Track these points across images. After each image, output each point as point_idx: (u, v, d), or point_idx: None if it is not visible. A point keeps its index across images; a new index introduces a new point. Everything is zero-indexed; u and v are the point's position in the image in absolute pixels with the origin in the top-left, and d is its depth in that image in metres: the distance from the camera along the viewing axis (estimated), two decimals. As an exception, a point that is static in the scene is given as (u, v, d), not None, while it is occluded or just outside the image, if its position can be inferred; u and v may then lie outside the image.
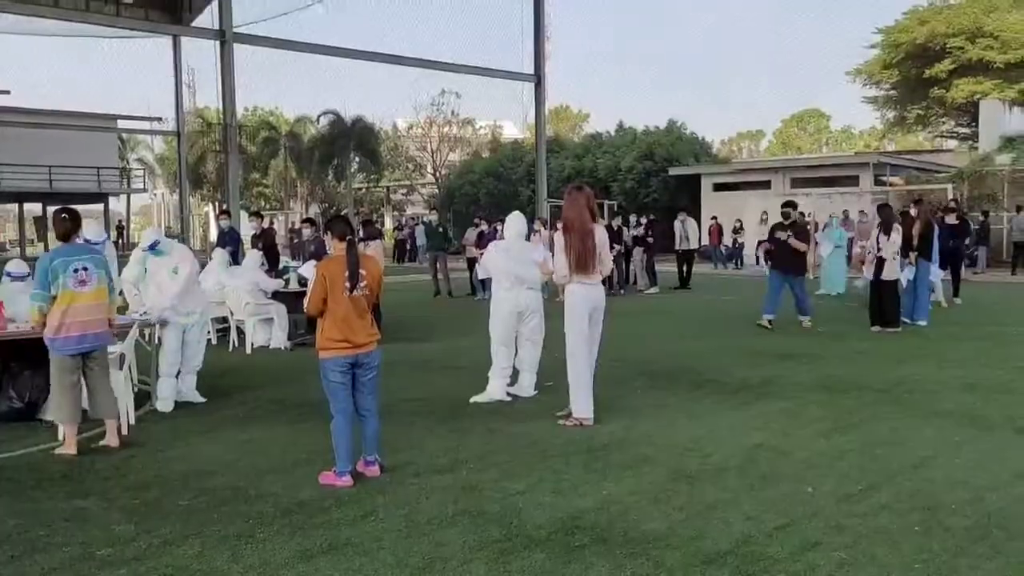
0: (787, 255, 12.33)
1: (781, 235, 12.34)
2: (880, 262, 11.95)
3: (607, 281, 18.80)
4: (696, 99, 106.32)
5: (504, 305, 7.79)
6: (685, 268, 20.18)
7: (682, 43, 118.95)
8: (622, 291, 18.58)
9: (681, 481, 5.30)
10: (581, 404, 6.83)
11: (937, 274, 14.72)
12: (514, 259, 7.79)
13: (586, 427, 6.68)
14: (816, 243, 16.84)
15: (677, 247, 20.41)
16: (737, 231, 29.30)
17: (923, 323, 12.52)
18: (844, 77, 47.64)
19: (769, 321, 12.35)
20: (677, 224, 20.49)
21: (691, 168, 35.37)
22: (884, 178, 30.59)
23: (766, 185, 32.74)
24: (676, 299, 17.61)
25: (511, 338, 7.83)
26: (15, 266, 7.51)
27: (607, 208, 29.58)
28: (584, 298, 6.87)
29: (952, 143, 46.88)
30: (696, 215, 27.15)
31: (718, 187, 33.97)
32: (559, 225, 7.26)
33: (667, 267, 20.87)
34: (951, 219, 15.85)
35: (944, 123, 46.39)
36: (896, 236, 11.87)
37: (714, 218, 29.33)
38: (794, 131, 76.99)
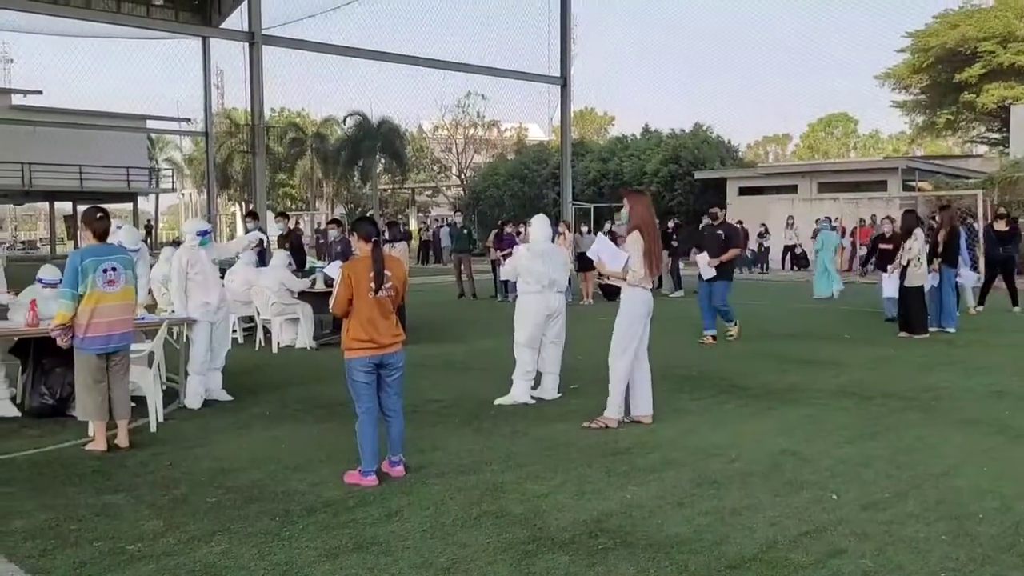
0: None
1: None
2: (904, 268, 11.86)
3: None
4: (723, 102, 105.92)
5: (535, 307, 7.80)
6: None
7: (709, 47, 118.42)
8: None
9: (705, 486, 5.30)
10: (615, 406, 6.83)
11: (970, 279, 14.56)
12: (548, 262, 7.83)
13: (611, 430, 6.68)
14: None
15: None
16: (762, 235, 29.14)
17: (951, 330, 12.39)
18: (873, 81, 47.19)
19: (713, 336, 11.59)
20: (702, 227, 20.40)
21: (717, 172, 35.24)
22: (912, 183, 30.32)
23: (792, 189, 32.56)
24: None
25: (538, 341, 7.84)
26: (47, 272, 7.61)
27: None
28: (645, 302, 6.90)
29: (982, 148, 46.39)
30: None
31: (744, 191, 33.81)
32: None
33: (692, 271, 20.75)
34: (1000, 226, 15.41)
35: (974, 128, 45.93)
36: (913, 242, 11.73)
37: (739, 222, 29.16)
38: (821, 135, 76.44)
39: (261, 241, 11.26)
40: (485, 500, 5.04)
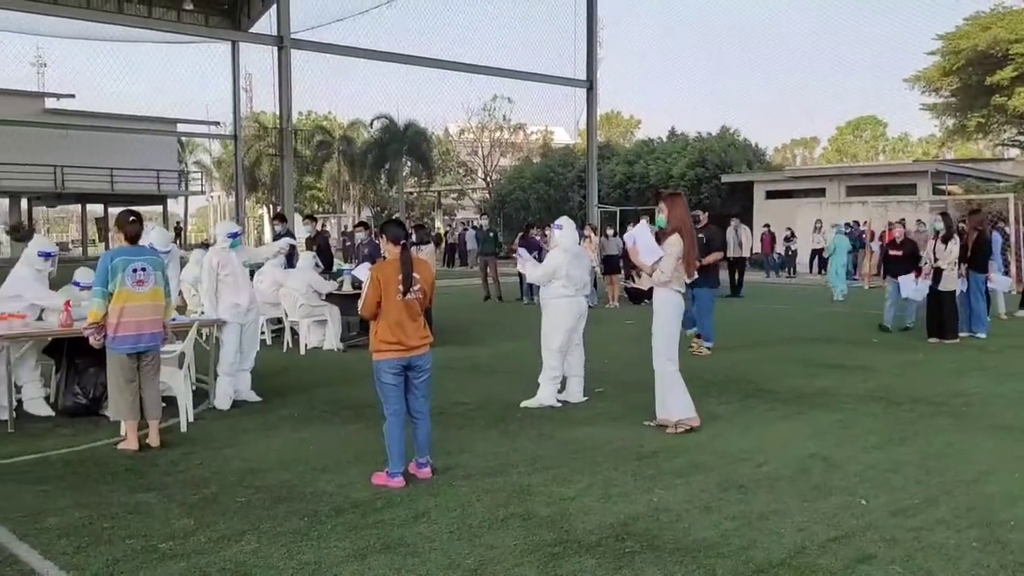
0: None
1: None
2: (938, 272, 11.76)
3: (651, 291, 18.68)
4: (750, 105, 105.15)
5: (569, 310, 7.80)
6: (737, 276, 20.01)
7: (736, 49, 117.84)
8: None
9: (732, 490, 5.28)
10: (684, 405, 6.81)
11: (1003, 283, 14.38)
12: (580, 265, 7.85)
13: (695, 429, 6.69)
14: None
15: (729, 254, 20.22)
16: (789, 239, 28.94)
17: (981, 335, 12.25)
18: (902, 84, 46.68)
19: (708, 347, 10.99)
20: (730, 231, 20.30)
21: (744, 175, 35.06)
22: (943, 187, 30.00)
23: (820, 193, 32.32)
24: (727, 307, 17.45)
25: (568, 344, 7.84)
26: (83, 275, 7.74)
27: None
28: (679, 305, 6.89)
29: (1014, 152, 45.76)
30: (748, 223, 26.88)
31: (771, 194, 33.61)
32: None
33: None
34: None
35: (1006, 131, 45.27)
36: (954, 246, 11.68)
37: (766, 226, 29.02)
38: (849, 138, 75.74)
39: (292, 247, 11.31)
40: (512, 502, 5.06)
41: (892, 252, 13.24)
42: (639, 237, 6.98)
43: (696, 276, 10.09)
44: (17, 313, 7.36)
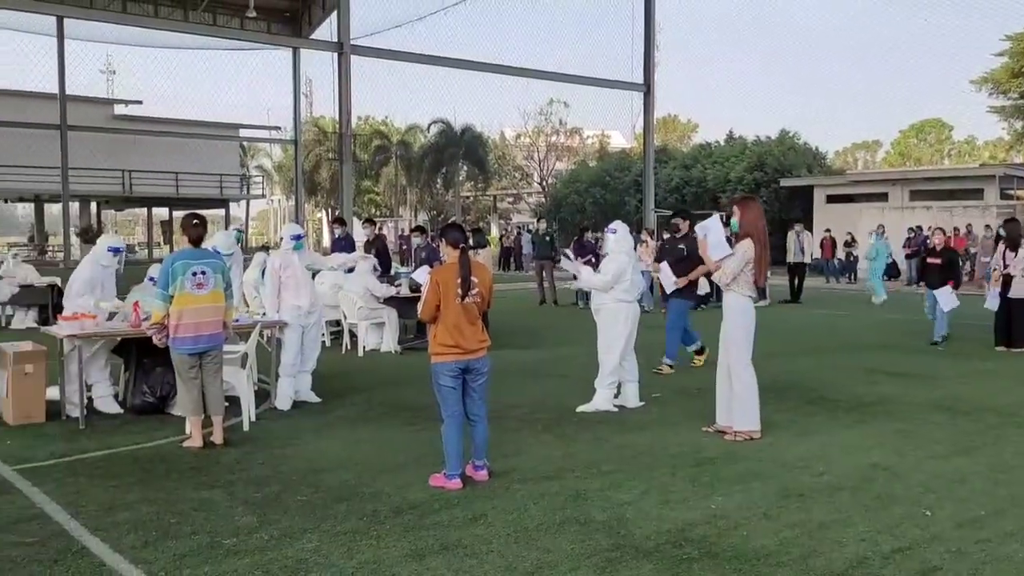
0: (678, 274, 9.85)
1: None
2: (1007, 279, 11.45)
3: (715, 293, 18.45)
4: (811, 108, 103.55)
5: (630, 316, 7.80)
6: (797, 281, 19.71)
7: (797, 52, 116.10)
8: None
9: (792, 498, 5.22)
10: (752, 417, 6.73)
11: None
12: (636, 270, 7.84)
13: (755, 440, 6.61)
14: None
15: (789, 259, 19.93)
16: (850, 244, 28.39)
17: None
18: (968, 86, 45.49)
19: (699, 350, 10.27)
20: (791, 236, 19.99)
21: (803, 179, 34.50)
22: (1011, 191, 29.16)
23: (883, 197, 31.67)
24: (786, 313, 17.23)
25: (626, 350, 7.82)
26: (157, 271, 7.96)
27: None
28: (750, 310, 6.81)
29: (1087, 155, 44.26)
30: (808, 227, 26.45)
31: (832, 199, 33.02)
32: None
33: (777, 280, 20.41)
34: None
35: (1078, 134, 43.84)
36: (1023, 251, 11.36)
37: (827, 231, 28.52)
38: (913, 141, 74.05)
39: (376, 269, 11.43)
40: (568, 506, 5.07)
41: (930, 260, 12.59)
42: (711, 232, 6.90)
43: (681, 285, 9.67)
44: (88, 313, 7.59)
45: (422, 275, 9.18)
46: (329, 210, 52.27)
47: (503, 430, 6.78)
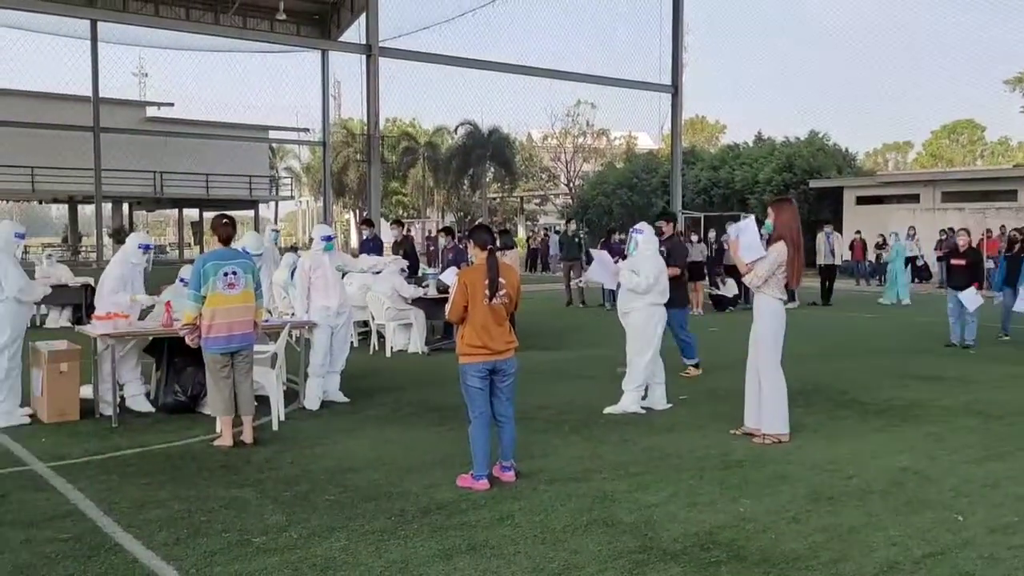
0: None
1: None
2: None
3: (743, 294, 18.29)
4: (840, 109, 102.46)
5: (658, 319, 7.79)
6: (827, 283, 19.55)
7: (826, 52, 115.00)
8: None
9: (821, 502, 5.18)
10: (780, 420, 6.69)
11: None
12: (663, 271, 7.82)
13: (783, 443, 6.56)
14: None
15: (819, 261, 19.74)
16: (881, 246, 28.11)
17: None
18: (1002, 87, 44.91)
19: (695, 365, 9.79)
20: (821, 237, 19.81)
21: (833, 180, 34.18)
22: (1046, 192, 28.69)
23: (914, 199, 31.29)
24: (816, 315, 17.09)
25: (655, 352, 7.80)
26: (188, 272, 8.06)
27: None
28: (780, 312, 6.76)
29: (1125, 155, 43.49)
30: (837, 229, 26.21)
31: (862, 200, 32.69)
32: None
33: (807, 282, 20.23)
34: None
35: (1116, 134, 43.10)
36: None
37: (858, 232, 28.26)
38: (945, 142, 73.13)
39: (404, 270, 11.44)
40: (595, 508, 5.07)
41: (955, 261, 12.35)
42: (744, 233, 6.84)
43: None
44: (122, 310, 7.70)
45: (450, 276, 9.24)
46: (357, 211, 52.61)
47: (530, 431, 6.79)
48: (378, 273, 11.82)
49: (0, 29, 29.13)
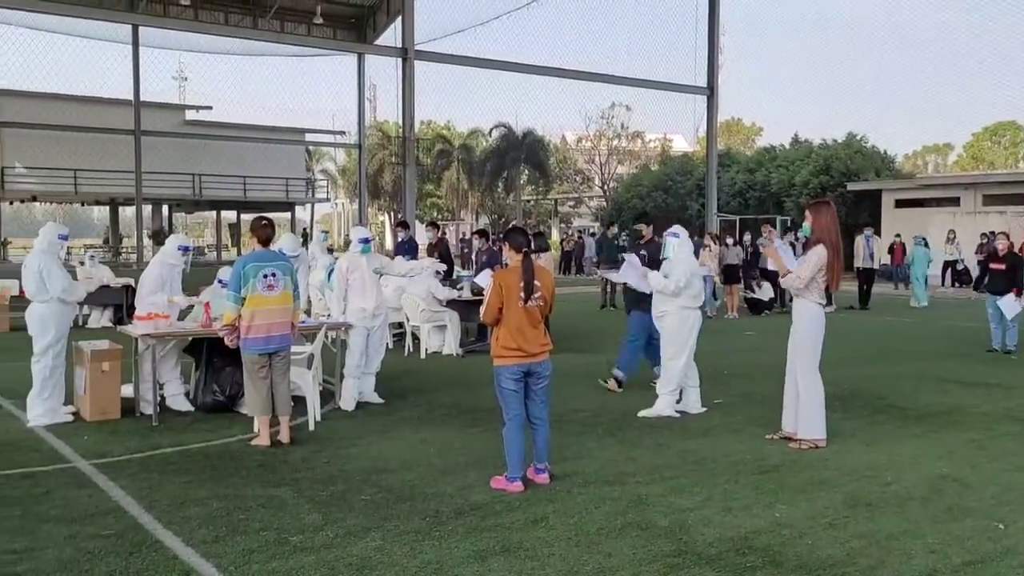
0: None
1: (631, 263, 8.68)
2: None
3: (779, 298, 18.10)
4: (879, 111, 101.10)
5: (695, 322, 7.76)
6: (865, 287, 19.32)
7: (865, 53, 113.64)
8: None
9: (859, 508, 5.13)
10: (818, 425, 6.62)
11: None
12: (699, 276, 7.78)
13: (820, 448, 6.50)
14: None
15: (859, 264, 19.50)
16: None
17: None
18: (1047, 86, 44.00)
19: (619, 382, 8.97)
20: (860, 240, 19.56)
21: (871, 183, 33.75)
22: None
23: (954, 202, 30.80)
24: (853, 319, 16.89)
25: (689, 356, 7.76)
26: (225, 273, 8.17)
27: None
28: (820, 316, 6.70)
29: None
30: (876, 233, 25.87)
31: (900, 203, 32.25)
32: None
33: (844, 285, 20.00)
34: None
35: None
36: None
37: (898, 236, 27.89)
38: (987, 144, 71.92)
39: (439, 273, 11.49)
40: (630, 511, 5.06)
41: (993, 265, 12.11)
42: (781, 248, 6.88)
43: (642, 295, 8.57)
44: (161, 310, 7.82)
45: (484, 279, 9.26)
46: (392, 213, 52.91)
47: (564, 434, 6.79)
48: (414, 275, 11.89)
49: (46, 35, 29.75)
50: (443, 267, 11.56)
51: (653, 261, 8.68)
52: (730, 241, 18.66)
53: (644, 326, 8.61)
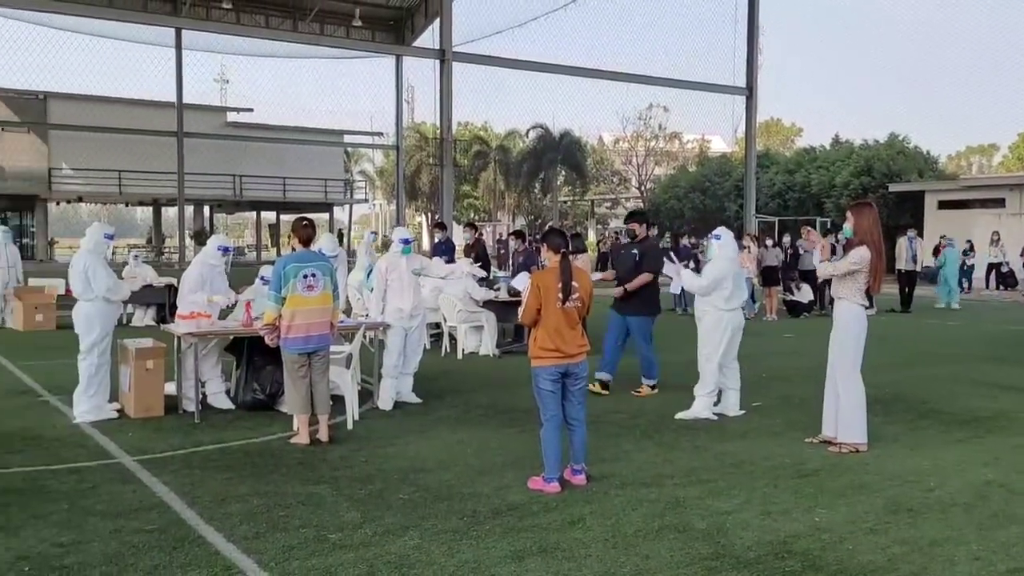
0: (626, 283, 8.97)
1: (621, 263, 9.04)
2: None
3: (819, 301, 17.92)
4: (921, 111, 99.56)
5: (731, 324, 7.71)
6: (908, 289, 19.03)
7: (907, 52, 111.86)
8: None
9: (901, 513, 5.06)
10: (858, 429, 6.56)
11: None
12: (739, 276, 7.73)
13: (860, 453, 6.43)
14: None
15: (901, 267, 19.21)
16: (967, 252, 27.21)
17: None
18: (1097, 85, 42.99)
19: (604, 384, 8.87)
20: (903, 242, 19.28)
21: (914, 184, 33.25)
22: None
23: (999, 203, 30.24)
24: (895, 322, 16.65)
25: (727, 357, 7.71)
26: (269, 272, 8.27)
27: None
28: (862, 318, 6.62)
29: None
30: (919, 234, 25.48)
31: (944, 205, 31.73)
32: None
33: (886, 288, 19.73)
34: None
35: None
36: None
37: (943, 237, 27.43)
38: (1034, 144, 70.45)
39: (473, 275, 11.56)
40: (667, 513, 5.04)
41: None
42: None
43: (628, 298, 8.86)
44: (203, 312, 7.94)
45: (521, 281, 9.25)
46: (429, 214, 53.13)
47: (602, 435, 6.78)
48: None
49: (91, 39, 30.32)
50: (482, 273, 11.60)
51: (641, 262, 8.87)
52: (769, 243, 18.49)
53: (616, 325, 9.10)
